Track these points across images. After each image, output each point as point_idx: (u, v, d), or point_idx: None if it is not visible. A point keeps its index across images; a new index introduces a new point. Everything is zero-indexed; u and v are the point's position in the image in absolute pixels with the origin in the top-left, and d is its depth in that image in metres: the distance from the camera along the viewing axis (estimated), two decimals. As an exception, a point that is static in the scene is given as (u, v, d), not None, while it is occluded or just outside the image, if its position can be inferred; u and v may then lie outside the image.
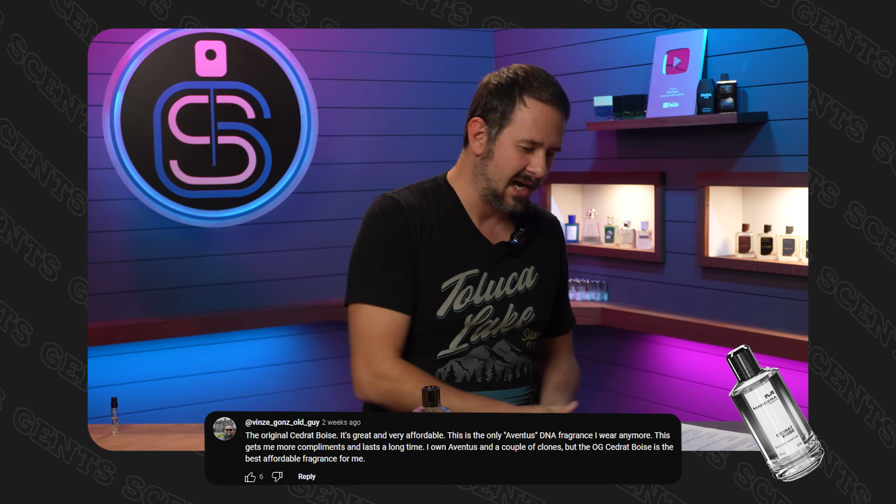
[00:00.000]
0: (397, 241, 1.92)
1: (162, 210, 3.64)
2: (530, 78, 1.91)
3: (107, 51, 3.61)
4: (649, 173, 3.72)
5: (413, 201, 1.96)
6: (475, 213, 1.99)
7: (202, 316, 3.85)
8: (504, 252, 2.00)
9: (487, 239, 1.99)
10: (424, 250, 1.93)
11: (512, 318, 1.99)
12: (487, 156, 1.94)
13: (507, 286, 1.99)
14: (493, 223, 2.01)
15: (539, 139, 1.90)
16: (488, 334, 1.97)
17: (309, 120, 3.82)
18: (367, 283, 1.92)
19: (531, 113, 1.89)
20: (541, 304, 2.04)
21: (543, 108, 1.90)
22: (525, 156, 1.91)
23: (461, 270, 1.95)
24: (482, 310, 1.96)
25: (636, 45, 3.77)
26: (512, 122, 1.90)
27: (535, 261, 2.04)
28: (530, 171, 1.91)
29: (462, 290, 1.94)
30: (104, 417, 2.14)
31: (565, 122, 1.94)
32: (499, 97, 1.92)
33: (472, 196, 1.99)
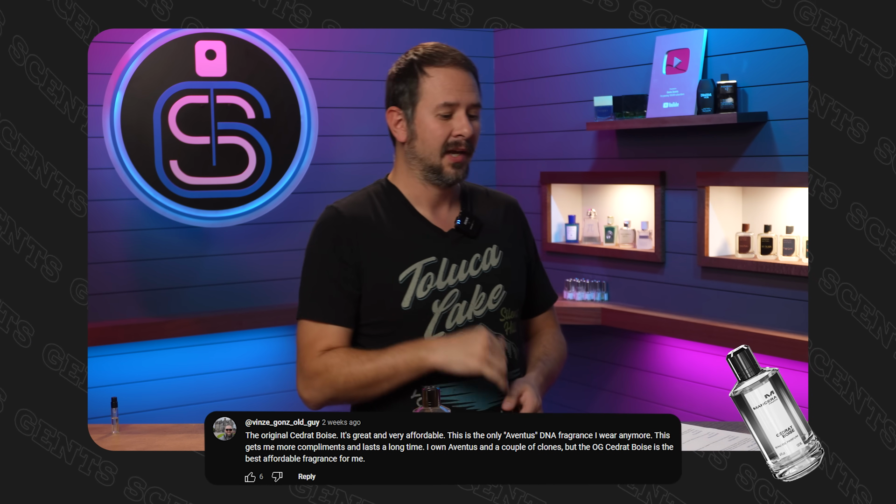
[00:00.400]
0: (333, 253, 1.96)
1: (162, 210, 3.64)
2: (426, 52, 1.95)
3: (107, 51, 3.61)
4: (649, 173, 3.72)
5: (353, 208, 2.00)
6: (424, 205, 2.01)
7: (202, 316, 3.85)
8: (458, 237, 2.01)
9: (440, 227, 2.01)
10: (370, 251, 1.95)
11: (481, 299, 1.99)
12: (412, 137, 1.97)
13: (470, 268, 1.99)
14: (445, 211, 2.03)
15: (453, 100, 1.92)
16: (463, 319, 1.96)
17: (309, 120, 3.82)
18: (304, 298, 1.98)
19: (437, 79, 1.93)
20: (510, 281, 2.04)
21: (447, 70, 1.93)
22: (446, 122, 1.93)
23: (417, 259, 1.96)
24: (448, 294, 1.96)
25: (636, 45, 3.77)
26: (422, 95, 1.94)
27: (498, 239, 2.05)
28: (457, 134, 1.93)
29: (422, 278, 1.95)
30: (104, 417, 2.14)
31: (475, 81, 1.97)
32: (403, 80, 1.97)
33: (416, 187, 2.00)
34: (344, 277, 1.95)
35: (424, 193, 2.01)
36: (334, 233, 1.98)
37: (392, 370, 1.89)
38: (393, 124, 2.00)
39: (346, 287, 1.95)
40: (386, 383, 1.91)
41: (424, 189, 2.00)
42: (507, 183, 4.46)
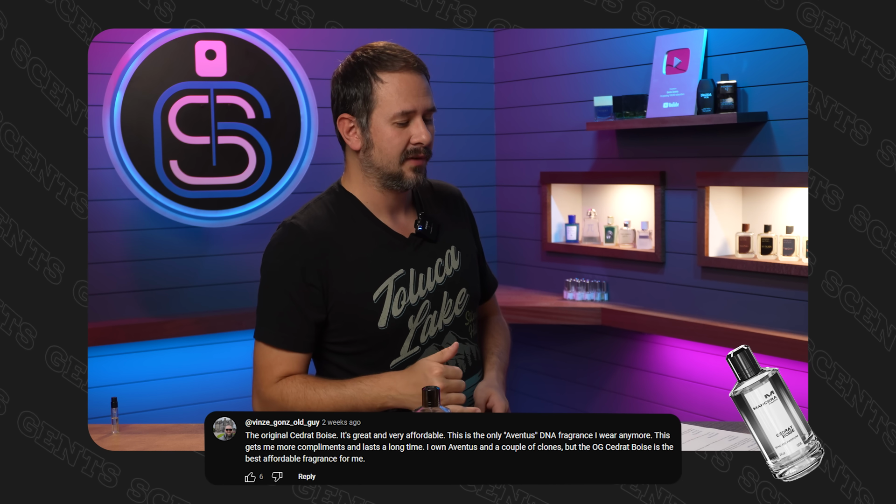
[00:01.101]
0: (297, 275, 1.87)
1: (162, 210, 3.64)
2: (377, 55, 1.88)
3: (107, 51, 3.61)
4: (649, 173, 3.72)
5: (314, 223, 1.91)
6: (382, 211, 1.95)
7: (202, 316, 3.85)
8: (419, 242, 1.96)
9: (401, 234, 1.95)
10: (337, 268, 1.88)
11: (448, 306, 1.96)
12: (368, 146, 1.90)
13: (435, 275, 1.95)
14: (402, 216, 1.97)
15: (410, 108, 1.86)
16: (435, 330, 1.94)
17: (309, 120, 3.82)
18: (262, 320, 1.91)
19: (392, 86, 1.86)
20: (471, 282, 2.02)
21: (401, 76, 1.86)
22: (404, 130, 1.87)
23: (386, 275, 1.90)
24: (420, 307, 1.92)
25: (636, 45, 3.77)
26: (377, 102, 1.86)
27: (454, 239, 2.01)
28: (415, 142, 1.87)
29: (395, 295, 1.90)
30: (104, 417, 2.14)
31: (428, 83, 1.91)
32: (354, 84, 1.89)
33: (372, 194, 1.94)
34: (308, 302, 1.87)
35: (382, 200, 1.94)
36: (298, 253, 1.88)
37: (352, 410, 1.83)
38: (345, 132, 1.92)
39: (308, 312, 1.87)
40: None
41: (382, 195, 1.93)
42: (507, 183, 4.46)
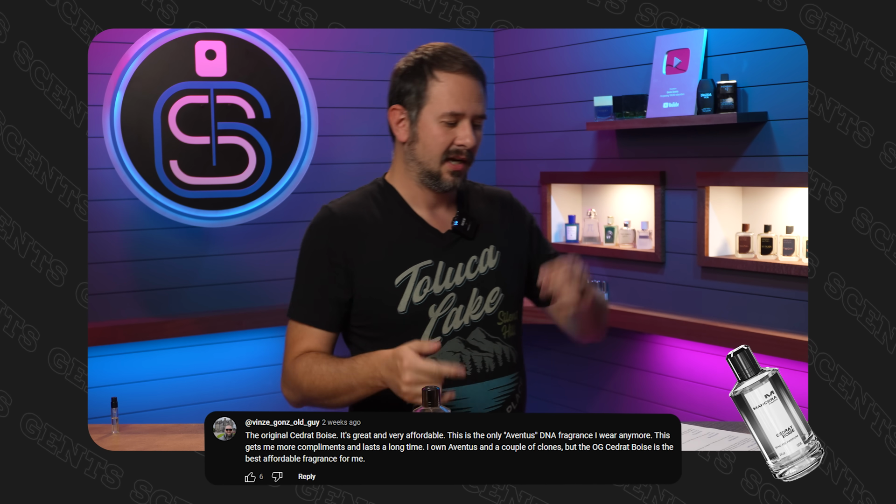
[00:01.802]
0: (324, 255, 1.93)
1: (162, 210, 3.64)
2: (437, 54, 1.90)
3: (107, 51, 3.61)
4: (649, 173, 3.72)
5: (348, 208, 1.96)
6: (421, 205, 1.98)
7: (202, 316, 3.85)
8: (455, 238, 1.98)
9: (437, 229, 1.98)
10: (364, 251, 1.92)
11: (478, 303, 1.96)
12: (413, 140, 1.93)
13: (467, 271, 1.96)
14: (443, 212, 2.00)
15: (460, 110, 1.89)
16: (460, 324, 1.94)
17: (309, 120, 3.82)
18: (293, 297, 1.98)
19: (445, 86, 1.89)
20: (508, 282, 2.01)
21: (457, 78, 1.89)
22: (450, 130, 1.90)
23: (413, 263, 1.93)
24: (444, 298, 1.94)
25: (636, 45, 3.77)
26: (428, 99, 1.90)
27: (495, 239, 2.01)
28: (459, 144, 1.90)
29: (418, 282, 1.92)
30: (104, 417, 2.14)
31: (483, 90, 1.93)
32: (410, 79, 1.92)
33: (411, 188, 1.97)
34: (333, 281, 1.93)
35: (421, 194, 1.98)
36: (327, 234, 1.95)
37: (347, 386, 1.88)
38: (395, 122, 1.96)
39: (333, 291, 1.93)
40: (345, 396, 1.90)
41: (421, 191, 1.97)
42: (508, 183, 4.46)
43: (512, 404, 1.99)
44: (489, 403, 1.95)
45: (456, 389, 1.91)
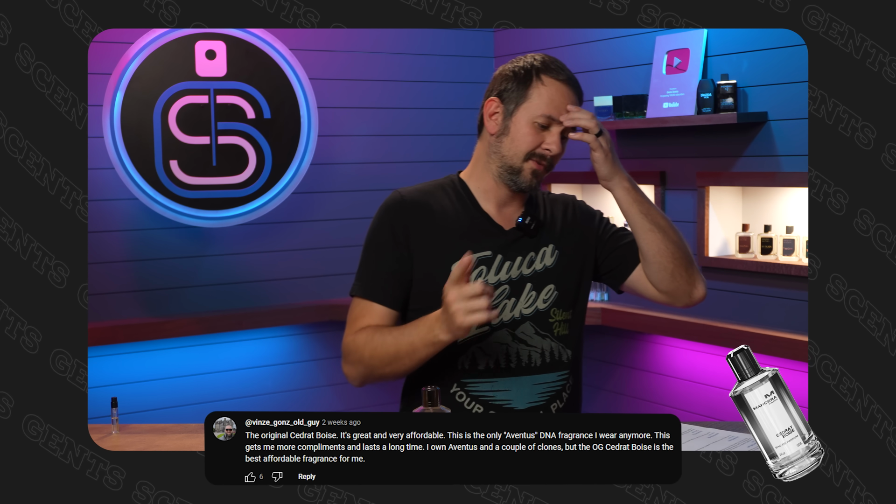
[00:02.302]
0: (388, 235, 1.98)
1: (162, 210, 3.64)
2: (547, 61, 1.97)
3: (107, 51, 3.61)
4: (649, 173, 3.72)
5: (417, 195, 2.01)
6: (490, 202, 2.02)
7: (202, 316, 3.85)
8: (517, 236, 2.01)
9: (501, 225, 2.02)
10: (425, 235, 1.97)
11: (531, 298, 1.98)
12: (503, 132, 1.97)
13: (523, 266, 2.00)
14: (511, 211, 2.03)
15: (556, 115, 1.93)
16: (510, 317, 1.97)
17: (309, 120, 3.83)
18: (358, 276, 2.02)
19: (548, 91, 1.94)
20: (563, 283, 2.02)
21: (560, 86, 1.94)
22: (540, 133, 1.94)
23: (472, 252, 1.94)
24: (497, 290, 1.97)
25: (636, 45, 3.77)
26: (528, 98, 1.94)
27: (555, 240, 2.04)
28: (545, 147, 1.94)
29: (474, 272, 1.95)
30: (104, 417, 2.14)
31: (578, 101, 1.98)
32: (515, 79, 1.97)
33: (487, 183, 2.01)
34: (396, 260, 1.97)
35: (494, 190, 2.01)
36: (393, 216, 1.99)
37: (409, 347, 1.88)
38: (488, 114, 1.99)
39: (396, 270, 1.97)
40: (407, 359, 1.89)
41: (495, 186, 2.01)
42: (507, 183, 4.45)
43: (557, 402, 1.99)
44: (531, 398, 1.96)
45: (498, 381, 1.94)
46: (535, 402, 1.96)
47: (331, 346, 4.19)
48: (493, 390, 1.94)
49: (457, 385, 1.95)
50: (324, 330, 4.17)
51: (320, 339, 4.19)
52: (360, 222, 4.26)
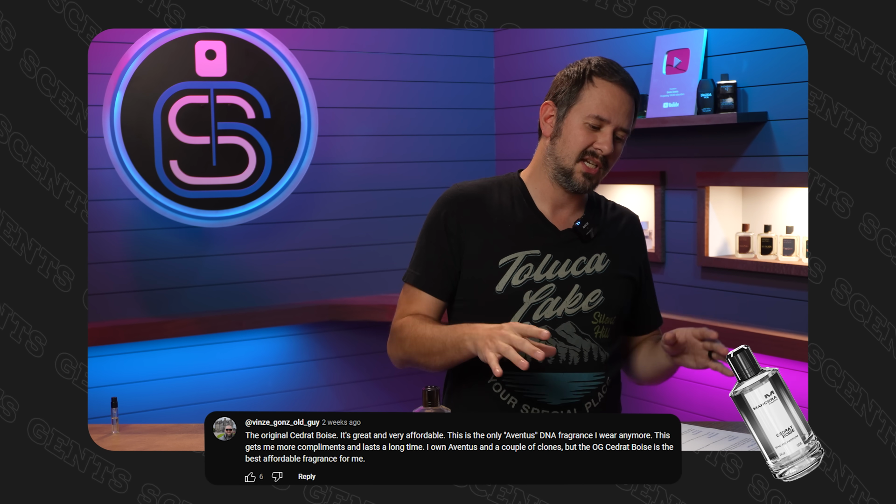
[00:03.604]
0: (442, 225, 2.03)
1: (162, 210, 3.64)
2: (601, 64, 2.01)
3: (107, 51, 3.61)
4: (649, 173, 3.72)
5: (475, 188, 2.06)
6: (546, 203, 2.05)
7: (202, 316, 3.85)
8: (570, 237, 2.03)
9: (555, 225, 2.04)
10: (478, 228, 2.01)
11: (576, 299, 2.00)
12: (556, 135, 2.00)
13: (573, 267, 2.02)
14: (567, 214, 2.06)
15: (606, 116, 1.95)
16: (552, 314, 1.98)
17: (309, 120, 3.83)
18: (411, 263, 2.08)
19: (598, 92, 1.97)
20: (611, 290, 2.04)
21: (611, 87, 1.97)
22: (592, 133, 1.96)
23: (520, 249, 2.00)
24: (542, 287, 1.99)
25: (636, 45, 3.77)
26: (580, 100, 1.97)
27: (609, 248, 2.06)
28: (597, 147, 1.96)
29: (521, 267, 1.99)
30: (104, 417, 2.14)
31: (634, 107, 2.00)
32: (568, 82, 2.01)
33: (544, 184, 2.04)
34: (447, 250, 2.02)
35: (550, 192, 2.04)
36: (449, 206, 2.04)
37: (442, 346, 1.93)
38: (544, 117, 2.03)
39: (446, 260, 2.02)
40: (438, 357, 1.95)
41: (551, 187, 2.03)
42: (507, 183, 4.45)
43: (592, 401, 2.01)
44: (566, 395, 1.98)
45: (534, 376, 1.96)
46: (569, 399, 1.98)
47: (331, 346, 4.19)
48: (529, 384, 1.96)
49: (494, 376, 1.95)
50: (324, 330, 4.17)
51: (320, 339, 4.19)
52: (360, 222, 4.29)
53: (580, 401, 1.99)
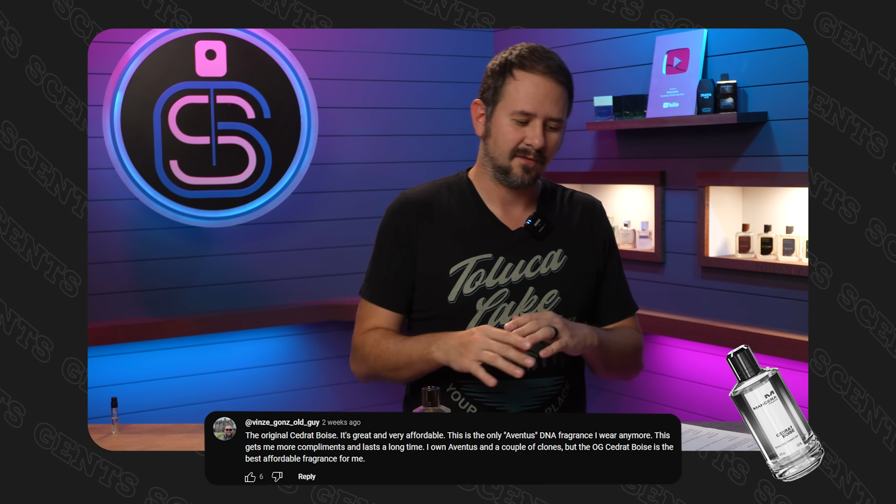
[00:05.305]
0: (392, 237, 2.00)
1: (162, 210, 3.64)
2: (522, 54, 1.93)
3: (107, 51, 3.61)
4: (649, 173, 3.72)
5: (422, 194, 2.02)
6: (495, 202, 2.00)
7: (202, 316, 3.85)
8: (523, 236, 1.98)
9: (507, 225, 1.99)
10: (428, 237, 1.97)
11: (531, 302, 1.96)
12: (487, 135, 1.96)
13: (527, 269, 1.97)
14: (519, 211, 2.01)
15: (530, 109, 1.89)
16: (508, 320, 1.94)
17: (309, 120, 3.83)
18: (366, 276, 2.05)
19: (521, 85, 1.90)
20: (568, 289, 1.99)
21: (534, 78, 1.90)
22: (520, 128, 1.91)
23: (471, 255, 1.96)
24: (495, 293, 1.95)
25: (636, 45, 3.77)
26: (504, 96, 1.92)
27: (565, 244, 2.01)
28: (527, 143, 1.91)
29: (472, 275, 1.95)
30: (104, 417, 2.14)
31: (563, 93, 1.93)
32: (493, 76, 1.95)
33: (488, 183, 2.00)
34: (399, 262, 1.99)
35: (496, 190, 2.00)
36: (398, 216, 2.01)
37: (408, 359, 1.91)
38: (475, 117, 1.99)
39: (399, 272, 1.99)
40: (406, 370, 1.93)
41: (495, 186, 1.99)
42: (507, 183, 4.45)
43: (552, 407, 1.98)
44: (526, 402, 1.94)
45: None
46: (529, 405, 1.94)
47: (331, 346, 4.19)
48: (489, 391, 1.91)
49: (453, 385, 1.95)
50: (324, 330, 4.17)
51: (320, 339, 4.19)
52: (360, 222, 4.29)
53: (540, 407, 1.96)
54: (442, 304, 1.95)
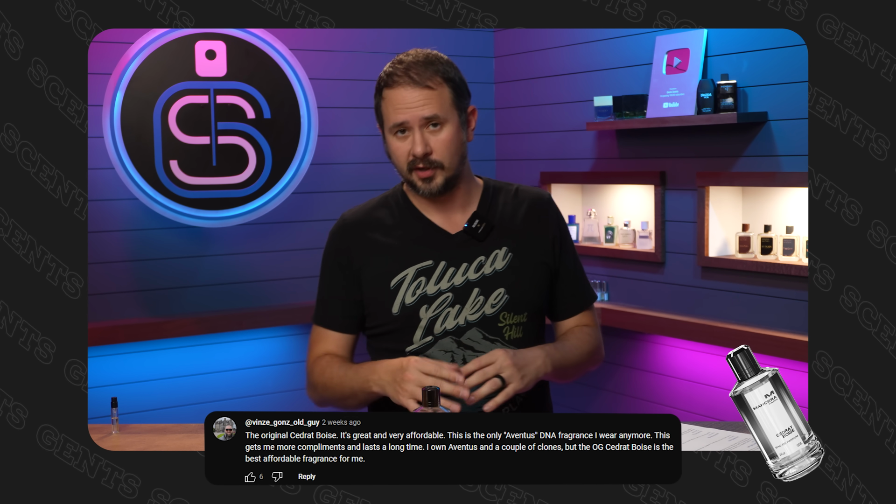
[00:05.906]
0: (335, 261, 2.03)
1: (162, 210, 3.64)
2: (388, 71, 1.94)
3: (107, 51, 3.61)
4: (649, 173, 3.72)
5: (359, 214, 2.04)
6: (431, 210, 2.00)
7: (202, 316, 3.85)
8: (464, 239, 1.98)
9: (446, 230, 1.99)
10: (367, 254, 1.99)
11: (477, 304, 1.95)
12: (388, 155, 1.98)
13: (470, 271, 1.96)
14: (457, 214, 2.00)
15: (401, 119, 1.90)
16: (454, 324, 1.94)
17: (309, 120, 3.83)
18: (316, 302, 2.08)
19: (389, 102, 1.92)
20: (516, 286, 1.97)
21: (394, 91, 1.92)
22: (404, 141, 1.93)
23: (410, 265, 1.96)
24: (438, 299, 1.94)
25: (636, 45, 3.77)
26: (382, 116, 1.96)
27: (510, 241, 1.99)
28: (411, 154, 1.91)
29: (412, 284, 1.95)
30: (104, 417, 2.14)
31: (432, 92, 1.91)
32: (375, 100, 1.99)
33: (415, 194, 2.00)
34: (343, 285, 2.01)
35: (425, 200, 1.99)
36: (337, 241, 2.04)
37: (351, 390, 1.94)
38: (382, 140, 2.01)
39: (344, 294, 2.01)
40: (351, 400, 1.96)
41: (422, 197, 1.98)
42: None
43: (511, 406, 1.97)
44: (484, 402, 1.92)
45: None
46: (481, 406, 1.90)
47: (331, 346, 4.19)
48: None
49: None
50: (324, 330, 4.17)
51: (320, 339, 4.18)
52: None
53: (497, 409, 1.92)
54: (387, 316, 1.96)
